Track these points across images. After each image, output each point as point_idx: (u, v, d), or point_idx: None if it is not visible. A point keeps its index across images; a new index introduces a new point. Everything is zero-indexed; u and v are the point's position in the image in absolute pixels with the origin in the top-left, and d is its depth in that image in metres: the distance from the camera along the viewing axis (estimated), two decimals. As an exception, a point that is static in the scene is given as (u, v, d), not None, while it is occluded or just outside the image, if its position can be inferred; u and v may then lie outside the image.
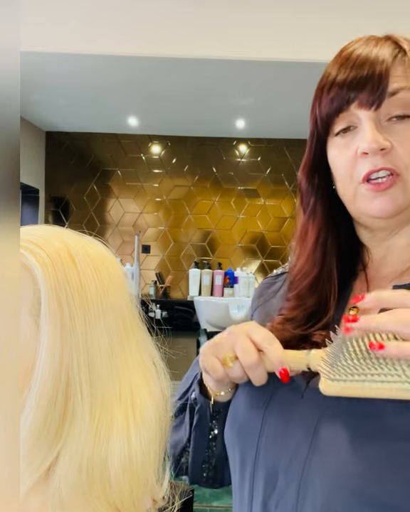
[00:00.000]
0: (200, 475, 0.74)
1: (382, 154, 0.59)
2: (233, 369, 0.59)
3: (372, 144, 0.58)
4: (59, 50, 2.86)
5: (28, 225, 0.56)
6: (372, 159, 0.60)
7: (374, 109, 0.59)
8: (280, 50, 2.85)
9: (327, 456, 0.56)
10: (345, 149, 0.62)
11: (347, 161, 0.62)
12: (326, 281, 0.67)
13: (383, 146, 0.59)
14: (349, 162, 0.62)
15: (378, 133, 0.59)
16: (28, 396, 0.49)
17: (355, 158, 0.61)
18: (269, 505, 0.60)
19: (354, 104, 0.60)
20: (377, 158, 0.59)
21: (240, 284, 4.48)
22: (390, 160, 0.59)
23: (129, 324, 0.56)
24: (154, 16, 2.85)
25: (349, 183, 0.63)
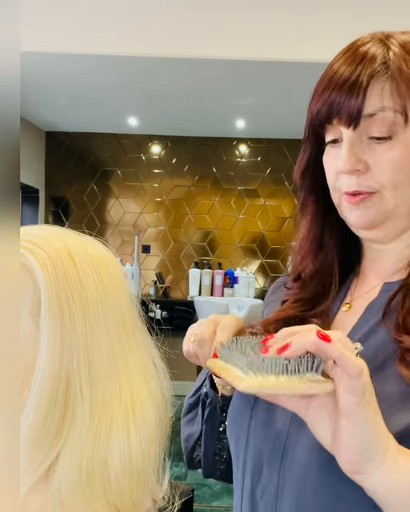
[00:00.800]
0: (213, 468, 0.77)
1: (357, 175, 0.60)
2: (193, 343, 0.67)
3: (346, 165, 0.59)
4: (59, 50, 2.86)
5: (28, 225, 0.56)
6: (348, 179, 0.61)
7: (352, 129, 0.60)
8: (280, 50, 2.85)
9: (300, 444, 0.58)
10: (333, 160, 0.64)
11: (332, 172, 0.64)
12: (328, 270, 0.70)
13: (356, 167, 0.60)
14: (333, 174, 0.64)
15: (353, 154, 0.60)
16: (28, 396, 0.49)
17: (337, 172, 0.63)
18: (256, 494, 0.62)
19: (336, 120, 0.61)
20: (352, 179, 0.61)
21: (240, 284, 4.48)
22: (365, 180, 0.60)
23: (129, 324, 0.56)
24: (154, 17, 2.85)
25: (334, 192, 0.65)
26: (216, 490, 2.84)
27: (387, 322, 0.60)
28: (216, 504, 2.71)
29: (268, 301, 0.82)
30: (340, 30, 2.80)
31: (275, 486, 0.59)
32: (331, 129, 0.63)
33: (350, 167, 0.59)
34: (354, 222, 0.63)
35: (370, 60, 0.60)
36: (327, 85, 0.62)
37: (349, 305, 0.68)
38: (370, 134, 0.60)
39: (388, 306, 0.61)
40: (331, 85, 0.61)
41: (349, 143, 0.60)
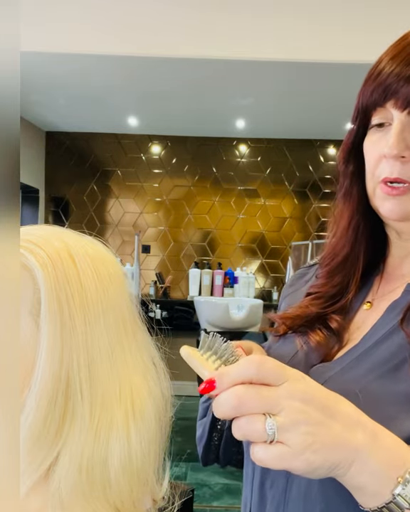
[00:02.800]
0: (230, 458, 0.78)
1: (402, 161, 0.58)
2: None
3: (393, 149, 0.57)
4: (59, 50, 2.86)
5: (28, 225, 0.56)
6: (391, 164, 0.59)
7: (406, 113, 0.58)
8: (280, 50, 2.85)
9: None
10: (376, 144, 0.62)
11: (373, 157, 0.62)
12: (354, 263, 0.69)
13: (403, 154, 0.58)
14: (374, 159, 0.62)
15: (402, 139, 0.58)
16: (28, 396, 0.49)
17: (380, 157, 0.61)
18: (266, 485, 0.62)
19: (390, 102, 0.59)
20: (396, 165, 0.59)
21: (240, 284, 4.48)
22: (408, 169, 0.58)
23: (129, 324, 0.56)
24: (155, 16, 2.85)
25: (371, 179, 0.63)
26: (216, 490, 2.84)
27: (407, 324, 0.58)
28: (216, 504, 2.71)
29: (286, 294, 0.82)
30: (341, 30, 2.81)
31: (284, 478, 0.60)
32: (380, 112, 0.61)
33: (397, 152, 0.57)
34: (388, 212, 0.61)
35: None
36: (383, 69, 0.60)
37: (370, 304, 0.67)
38: None
39: (408, 309, 0.59)
40: (388, 70, 0.59)
41: (400, 126, 0.58)
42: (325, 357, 0.64)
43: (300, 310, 0.69)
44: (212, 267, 4.59)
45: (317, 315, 0.68)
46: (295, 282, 0.82)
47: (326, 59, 2.84)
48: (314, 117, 4.01)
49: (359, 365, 0.59)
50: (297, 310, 0.70)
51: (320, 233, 4.62)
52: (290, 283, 0.83)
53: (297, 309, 0.70)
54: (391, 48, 0.62)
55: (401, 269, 0.67)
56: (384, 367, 0.57)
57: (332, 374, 0.60)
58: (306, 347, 0.66)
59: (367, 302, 0.67)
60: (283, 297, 0.83)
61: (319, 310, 0.68)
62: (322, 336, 0.65)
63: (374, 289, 0.68)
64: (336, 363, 0.62)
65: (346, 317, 0.67)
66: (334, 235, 0.71)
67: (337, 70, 2.93)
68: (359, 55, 2.69)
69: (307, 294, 0.72)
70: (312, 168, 4.60)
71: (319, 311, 0.68)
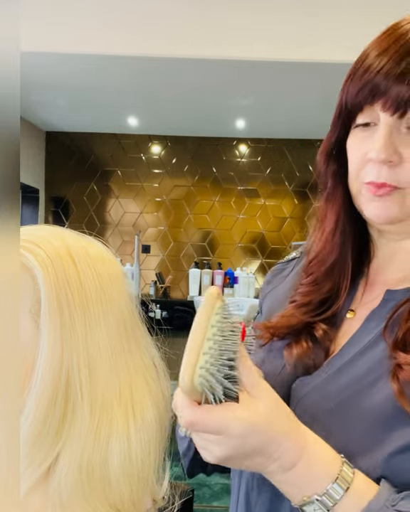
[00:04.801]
0: (216, 466, 0.77)
1: (389, 166, 0.56)
2: None
3: (380, 154, 0.55)
4: (59, 50, 2.86)
5: (28, 225, 0.56)
6: (378, 168, 0.57)
7: (396, 116, 0.55)
8: (280, 50, 2.85)
9: None
10: (361, 144, 0.59)
11: (358, 158, 0.60)
12: (342, 269, 0.65)
13: (390, 159, 0.55)
14: (359, 160, 0.59)
15: (390, 142, 0.55)
16: (28, 396, 0.49)
17: (365, 158, 0.58)
18: (251, 496, 0.62)
19: (378, 103, 0.56)
20: (383, 169, 0.57)
21: (240, 284, 4.48)
22: (395, 173, 0.56)
23: (129, 324, 0.56)
24: (155, 16, 2.85)
25: (355, 180, 0.61)
26: (216, 490, 2.84)
27: (388, 335, 0.57)
28: (216, 504, 2.71)
29: (265, 293, 0.78)
30: (342, 31, 2.80)
31: (269, 488, 0.59)
32: (366, 111, 0.58)
33: (385, 157, 0.55)
34: (373, 214, 0.59)
35: None
36: (370, 66, 0.56)
37: (353, 312, 0.64)
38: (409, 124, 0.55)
39: (390, 318, 0.58)
40: (376, 67, 0.55)
41: (388, 130, 0.55)
42: (310, 368, 0.62)
43: (285, 319, 0.66)
44: (212, 267, 4.59)
45: (304, 324, 0.65)
46: (272, 279, 0.78)
47: (326, 59, 2.84)
48: (314, 117, 4.01)
49: (338, 379, 0.58)
50: (282, 319, 0.66)
51: (320, 233, 4.61)
52: (267, 280, 0.80)
53: (281, 318, 0.67)
54: (378, 41, 0.58)
55: (384, 274, 0.65)
56: (361, 382, 0.56)
57: (310, 389, 0.59)
58: (291, 359, 0.63)
59: (350, 310, 0.65)
60: (263, 296, 0.79)
61: (306, 319, 0.65)
62: (305, 347, 0.63)
63: (358, 295, 0.66)
64: (317, 375, 0.60)
65: (334, 326, 0.64)
66: (319, 239, 0.67)
67: (337, 70, 2.92)
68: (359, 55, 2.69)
69: (290, 301, 0.68)
70: (312, 168, 4.60)
71: (307, 320, 0.65)
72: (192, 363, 0.46)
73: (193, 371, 0.46)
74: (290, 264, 0.77)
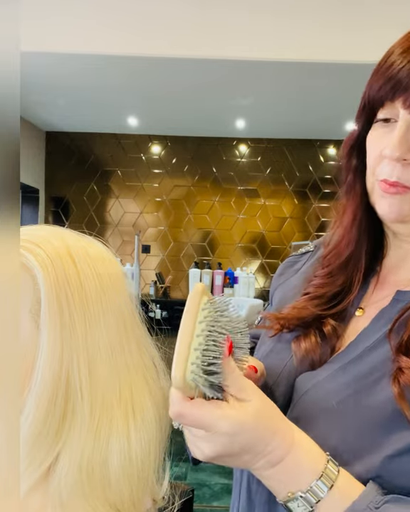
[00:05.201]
0: None
1: (403, 164, 0.56)
2: None
3: (395, 151, 0.55)
4: (59, 50, 2.86)
5: (28, 225, 0.56)
6: (392, 166, 0.57)
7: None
8: (280, 50, 2.85)
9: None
10: (379, 140, 0.59)
11: (375, 153, 0.59)
12: (356, 263, 0.66)
13: (405, 157, 0.55)
14: (376, 156, 0.59)
15: (405, 140, 0.55)
16: (28, 396, 0.49)
17: (381, 155, 0.58)
18: (252, 489, 0.63)
19: (399, 100, 0.56)
20: (396, 168, 0.56)
21: (240, 284, 4.48)
22: (409, 173, 0.56)
23: (129, 324, 0.56)
24: (155, 16, 2.85)
25: (371, 176, 0.61)
26: (216, 490, 2.84)
27: (393, 336, 0.57)
28: (216, 504, 2.71)
29: (277, 284, 0.79)
30: (342, 30, 2.80)
31: None
32: (387, 108, 0.58)
33: (399, 154, 0.55)
34: (384, 212, 0.59)
35: None
36: (394, 63, 0.56)
37: (362, 310, 0.64)
38: None
39: (396, 320, 0.57)
40: (399, 64, 0.55)
41: (405, 127, 0.55)
42: (316, 363, 0.62)
43: (296, 311, 0.67)
44: (212, 267, 4.59)
45: (315, 317, 0.65)
46: (285, 271, 0.79)
47: (326, 59, 2.84)
48: (314, 117, 4.01)
49: (341, 376, 0.58)
50: (293, 310, 0.67)
51: (320, 233, 4.61)
52: (279, 272, 0.80)
53: (293, 309, 0.67)
54: (403, 40, 0.58)
55: (396, 274, 0.65)
56: (362, 382, 0.56)
57: (314, 383, 0.59)
58: (299, 353, 0.64)
59: (360, 308, 0.65)
60: (274, 288, 0.80)
61: (317, 311, 0.65)
62: (313, 341, 0.63)
63: (369, 293, 0.66)
64: (321, 371, 0.61)
65: (342, 322, 0.64)
66: (338, 232, 0.68)
67: (337, 70, 2.93)
68: (359, 55, 2.69)
69: (304, 294, 0.69)
70: (312, 168, 4.60)
71: (318, 313, 0.65)
72: (183, 359, 0.46)
73: (185, 367, 0.46)
74: (303, 257, 0.78)
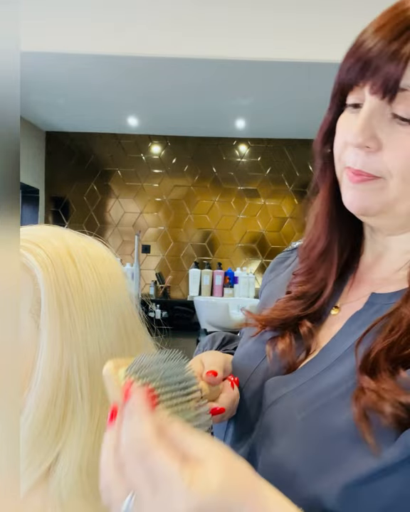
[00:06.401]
0: None
1: (366, 152, 0.52)
2: None
3: (357, 137, 0.51)
4: (59, 50, 2.86)
5: (28, 225, 0.56)
6: (354, 154, 0.53)
7: (380, 98, 0.51)
8: (280, 50, 2.85)
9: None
10: (347, 125, 0.55)
11: (341, 140, 0.56)
12: (331, 257, 0.62)
13: (367, 143, 0.51)
14: (342, 142, 0.55)
15: (369, 127, 0.51)
16: (28, 396, 0.49)
17: (345, 141, 0.55)
18: None
19: (368, 84, 0.51)
20: (359, 155, 0.53)
21: (240, 284, 4.48)
22: (372, 161, 0.52)
23: (129, 324, 0.56)
24: (155, 16, 2.85)
25: (338, 162, 0.57)
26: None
27: (360, 349, 0.53)
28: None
29: (267, 280, 0.76)
30: (342, 30, 2.80)
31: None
32: (356, 92, 0.54)
33: (361, 141, 0.51)
34: (348, 202, 0.55)
35: None
36: (364, 42, 0.51)
37: (338, 309, 0.61)
38: (395, 110, 0.50)
39: (365, 332, 0.53)
40: (370, 44, 0.50)
41: (369, 113, 0.51)
42: (290, 366, 0.60)
43: (276, 313, 0.64)
44: (212, 267, 4.59)
45: (295, 318, 0.62)
46: (275, 267, 0.76)
47: (326, 59, 2.84)
48: (314, 117, 4.00)
49: (309, 390, 0.55)
50: (273, 312, 0.64)
51: (320, 233, 4.61)
52: (270, 268, 0.77)
53: (273, 311, 0.64)
54: (378, 19, 0.53)
55: (371, 272, 0.61)
56: (329, 396, 0.52)
57: (282, 394, 0.57)
58: (273, 354, 0.61)
59: (336, 307, 0.61)
60: (264, 284, 0.77)
61: (297, 312, 0.62)
62: (288, 343, 0.60)
63: (345, 291, 0.62)
64: (291, 381, 0.58)
65: (319, 321, 0.61)
66: (309, 225, 0.65)
67: (337, 70, 2.92)
68: (359, 55, 2.69)
69: (286, 292, 0.66)
70: (312, 168, 4.59)
71: (298, 314, 0.62)
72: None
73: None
74: (294, 252, 0.75)
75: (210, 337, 0.81)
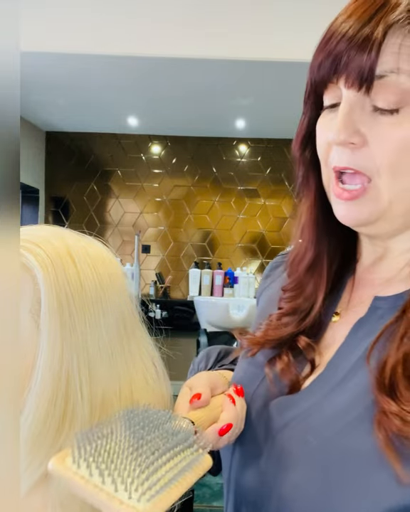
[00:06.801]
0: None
1: (352, 148, 0.49)
2: None
3: (339, 135, 0.48)
4: (59, 50, 2.86)
5: (28, 225, 0.56)
6: (339, 152, 0.50)
7: (357, 91, 0.48)
8: (280, 50, 2.85)
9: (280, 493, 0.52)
10: (327, 127, 0.52)
11: (324, 142, 0.52)
12: (320, 269, 0.58)
13: (351, 140, 0.48)
14: (325, 144, 0.52)
15: (350, 122, 0.48)
16: (28, 396, 0.49)
17: (328, 142, 0.52)
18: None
19: (341, 78, 0.48)
20: (345, 153, 0.50)
21: (240, 284, 4.48)
22: (359, 158, 0.49)
23: (129, 324, 0.56)
24: (154, 16, 2.85)
25: (324, 166, 0.54)
26: (216, 490, 2.84)
27: (372, 360, 0.49)
28: (216, 504, 2.71)
29: (263, 287, 0.73)
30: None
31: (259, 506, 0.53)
32: (331, 90, 0.51)
33: (344, 137, 0.48)
34: (341, 216, 0.52)
35: (393, 6, 0.46)
36: (333, 34, 0.48)
37: (338, 315, 0.58)
38: (374, 102, 0.48)
39: (375, 342, 0.49)
40: (338, 34, 0.48)
41: (348, 107, 0.48)
42: (293, 385, 0.55)
43: (270, 333, 0.60)
44: (212, 267, 4.59)
45: (290, 334, 0.58)
46: (270, 273, 0.73)
47: (326, 59, 2.84)
48: (314, 117, 4.01)
49: (323, 408, 0.50)
50: (267, 333, 0.60)
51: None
52: (265, 273, 0.74)
53: (267, 332, 0.60)
54: (345, 8, 0.50)
55: (370, 272, 0.58)
56: (349, 414, 0.48)
57: (294, 416, 0.52)
58: (272, 374, 0.57)
59: (336, 313, 0.58)
60: (260, 291, 0.74)
61: (291, 329, 0.58)
62: (286, 362, 0.56)
63: (345, 295, 0.59)
64: (301, 400, 0.53)
65: (318, 333, 0.57)
66: (297, 235, 0.61)
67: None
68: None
69: (278, 307, 0.62)
70: (312, 168, 4.59)
71: (292, 331, 0.58)
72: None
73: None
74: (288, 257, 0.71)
75: (204, 353, 0.76)
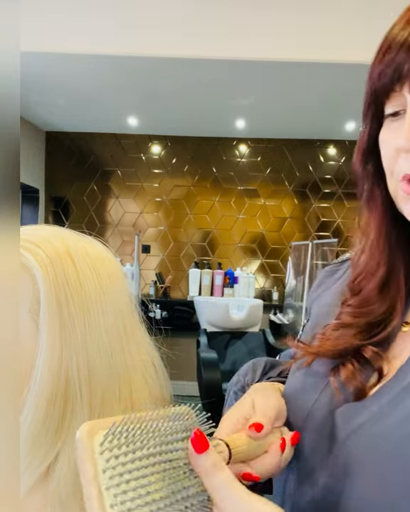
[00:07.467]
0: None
1: None
2: None
3: (408, 141, 0.47)
4: (59, 50, 2.86)
5: (28, 225, 0.56)
6: (408, 159, 0.49)
7: None
8: (280, 50, 2.85)
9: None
10: (392, 136, 0.51)
11: (389, 152, 0.52)
12: (396, 283, 0.56)
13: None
14: (391, 154, 0.52)
15: None
16: (27, 396, 0.49)
17: (397, 151, 0.51)
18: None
19: (405, 86, 0.48)
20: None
21: (240, 284, 4.48)
22: None
23: (128, 324, 0.56)
24: (154, 16, 2.85)
25: (390, 178, 0.53)
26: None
27: None
28: None
29: (314, 297, 0.71)
30: (342, 31, 2.80)
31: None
32: (393, 99, 0.50)
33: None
34: (409, 214, 0.51)
35: None
36: (392, 42, 0.48)
37: (409, 325, 0.55)
38: None
39: None
40: (397, 42, 0.47)
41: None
42: (359, 392, 0.53)
43: (329, 343, 0.57)
44: (212, 267, 4.59)
45: (353, 347, 0.55)
46: (324, 280, 0.70)
47: (326, 59, 2.84)
48: (314, 117, 4.01)
49: (393, 412, 0.48)
50: (326, 343, 0.57)
51: (320, 233, 4.62)
52: (318, 282, 0.72)
53: (325, 342, 0.57)
54: (404, 14, 0.49)
55: None
56: None
57: (362, 422, 0.50)
58: (336, 381, 0.54)
59: (406, 323, 0.55)
60: (311, 301, 0.71)
61: (356, 342, 0.55)
62: (351, 370, 0.54)
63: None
64: (369, 405, 0.51)
65: (386, 342, 0.55)
66: (363, 250, 0.58)
67: (337, 70, 2.93)
68: (359, 55, 2.69)
69: (336, 318, 0.59)
70: (312, 168, 4.60)
71: (356, 343, 0.55)
72: None
73: None
74: (344, 265, 0.69)
75: (250, 365, 0.73)
